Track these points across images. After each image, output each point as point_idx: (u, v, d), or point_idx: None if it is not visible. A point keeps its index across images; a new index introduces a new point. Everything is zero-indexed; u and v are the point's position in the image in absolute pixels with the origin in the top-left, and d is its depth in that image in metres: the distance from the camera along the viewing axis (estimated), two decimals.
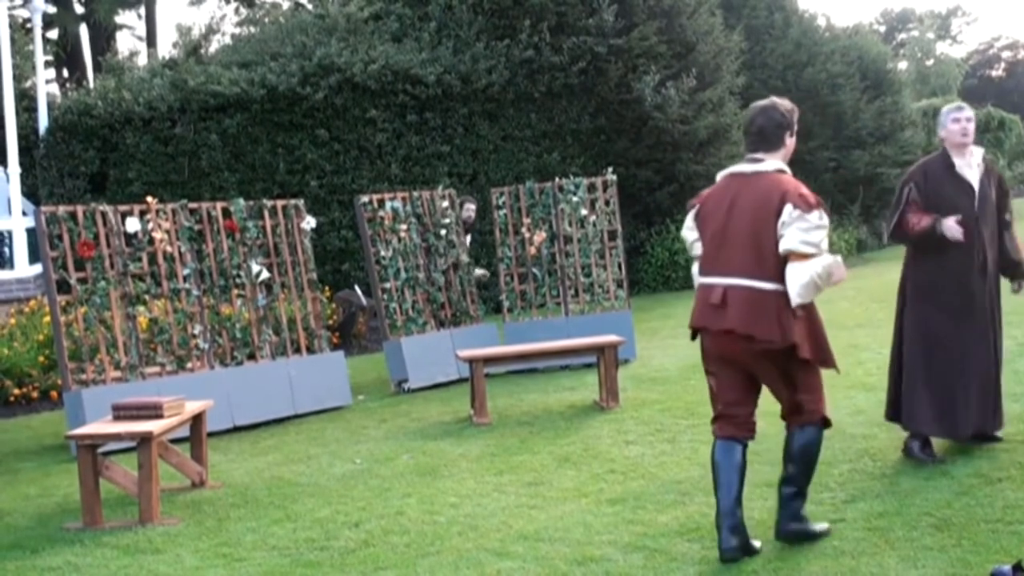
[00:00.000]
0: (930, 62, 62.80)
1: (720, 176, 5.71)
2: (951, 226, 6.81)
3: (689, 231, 5.76)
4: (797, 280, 5.19)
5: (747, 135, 5.58)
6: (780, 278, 5.25)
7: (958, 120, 7.02)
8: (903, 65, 56.73)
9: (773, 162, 5.47)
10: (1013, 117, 41.47)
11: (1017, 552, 5.07)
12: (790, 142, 5.54)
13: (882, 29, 74.10)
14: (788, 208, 5.22)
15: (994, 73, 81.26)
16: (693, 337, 5.69)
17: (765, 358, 5.35)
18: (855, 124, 27.55)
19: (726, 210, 5.46)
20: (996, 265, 7.10)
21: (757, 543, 5.47)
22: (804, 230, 5.18)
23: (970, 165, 7.04)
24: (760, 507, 6.22)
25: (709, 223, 5.56)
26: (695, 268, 5.77)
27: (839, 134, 27.27)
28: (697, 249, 5.70)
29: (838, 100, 27.16)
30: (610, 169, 13.77)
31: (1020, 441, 7.21)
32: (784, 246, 5.22)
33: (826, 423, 5.58)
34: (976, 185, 7.00)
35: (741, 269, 5.33)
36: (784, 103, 5.56)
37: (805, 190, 5.33)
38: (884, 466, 6.93)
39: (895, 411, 7.24)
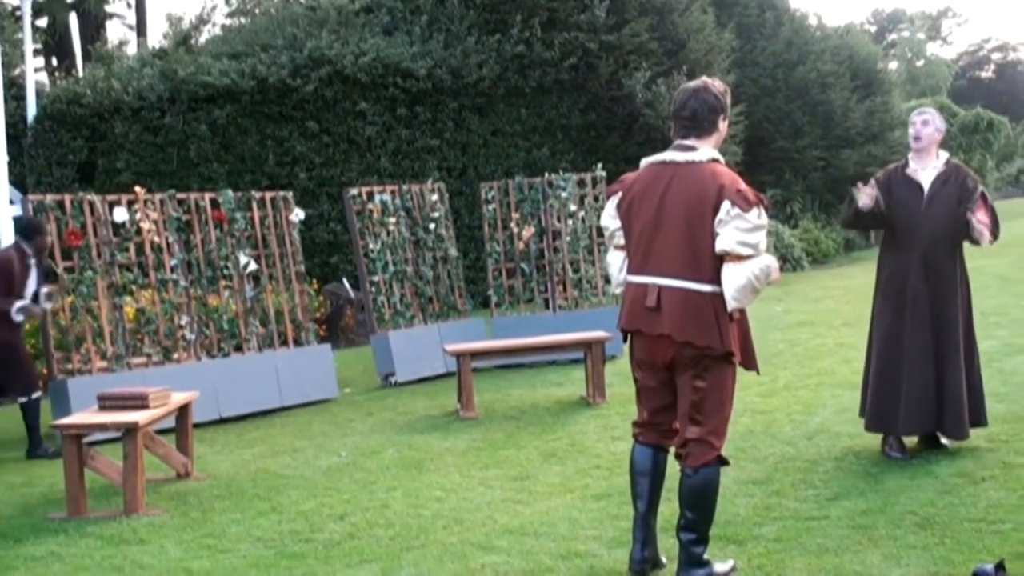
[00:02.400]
0: (920, 63, 62.95)
1: (645, 163, 5.20)
2: (858, 191, 7.07)
3: (611, 219, 5.28)
4: (733, 282, 4.80)
5: (677, 119, 5.08)
6: (717, 279, 4.86)
7: (913, 123, 7.25)
8: (893, 65, 56.88)
9: (706, 151, 5.01)
10: (1002, 118, 41.56)
11: (999, 551, 5.09)
12: (723, 127, 5.10)
13: (873, 29, 74.25)
14: (726, 205, 4.80)
15: (984, 74, 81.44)
16: (625, 339, 5.26)
17: (693, 365, 4.93)
18: (845, 123, 27.60)
19: (657, 203, 4.99)
20: (954, 263, 7.10)
21: (663, 557, 5.26)
22: (742, 230, 4.77)
23: (925, 167, 7.17)
24: (745, 504, 6.24)
25: (637, 215, 5.08)
26: (612, 259, 5.36)
27: (829, 133, 27.31)
28: (618, 239, 5.27)
29: (828, 99, 27.21)
30: (599, 165, 13.78)
31: (1004, 441, 7.22)
32: (720, 246, 4.81)
33: (723, 461, 5.05)
34: (927, 185, 7.11)
35: (676, 269, 4.91)
36: (717, 84, 5.10)
37: (744, 185, 4.91)
38: (869, 464, 6.95)
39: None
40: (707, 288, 4.88)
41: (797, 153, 26.69)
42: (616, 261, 5.35)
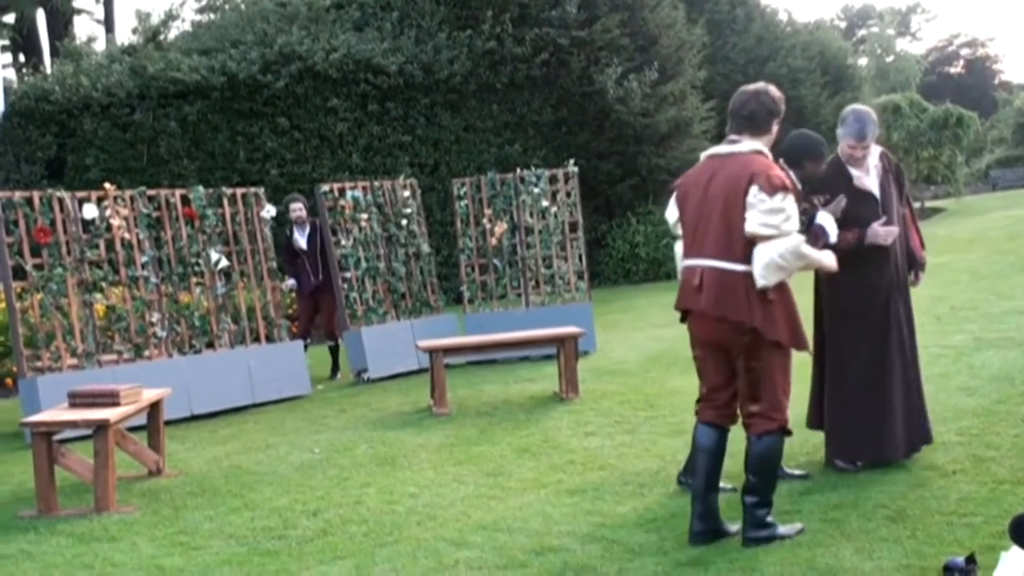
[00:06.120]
0: (890, 58, 63.23)
1: (702, 156, 5.76)
2: (878, 232, 6.53)
3: (670, 212, 6.04)
4: (760, 260, 5.21)
5: (734, 117, 5.59)
6: (750, 259, 5.26)
7: (853, 148, 6.68)
8: (863, 61, 57.12)
9: (750, 143, 5.49)
10: (971, 114, 41.65)
11: (970, 544, 5.12)
12: (775, 129, 5.61)
13: (843, 25, 74.56)
14: (754, 190, 5.24)
15: (953, 70, 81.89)
16: (682, 320, 5.69)
17: (740, 343, 5.33)
18: (815, 119, 27.71)
19: (702, 191, 5.49)
20: (906, 268, 6.87)
21: (733, 527, 5.52)
22: (763, 212, 5.20)
23: (867, 171, 6.73)
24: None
25: (687, 205, 5.61)
26: (678, 248, 5.93)
27: (799, 128, 27.42)
28: (679, 230, 5.86)
29: (799, 95, 27.33)
30: (571, 161, 13.77)
31: (975, 435, 7.26)
32: (747, 228, 5.25)
33: (786, 431, 5.45)
34: (877, 191, 6.71)
35: (714, 251, 5.36)
36: (774, 91, 5.61)
37: (776, 172, 5.34)
38: None
39: (818, 422, 7.09)
40: (740, 267, 5.30)
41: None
42: (679, 251, 5.89)
